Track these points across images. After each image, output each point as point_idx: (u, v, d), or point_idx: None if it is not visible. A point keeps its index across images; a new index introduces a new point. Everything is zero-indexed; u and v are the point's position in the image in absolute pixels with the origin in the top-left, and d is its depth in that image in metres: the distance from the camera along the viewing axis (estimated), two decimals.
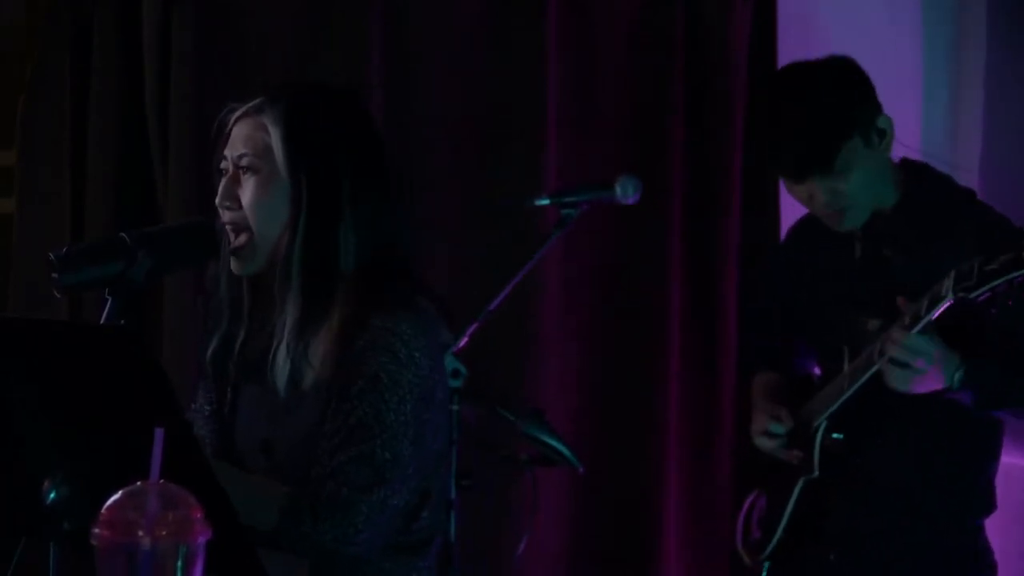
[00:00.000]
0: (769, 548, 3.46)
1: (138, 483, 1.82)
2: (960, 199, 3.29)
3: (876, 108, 3.24)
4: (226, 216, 2.61)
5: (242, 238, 2.60)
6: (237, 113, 2.63)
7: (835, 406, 3.27)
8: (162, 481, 1.82)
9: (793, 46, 4.29)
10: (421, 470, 2.53)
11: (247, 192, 2.59)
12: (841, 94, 3.21)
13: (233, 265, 2.61)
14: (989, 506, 3.32)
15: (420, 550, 2.61)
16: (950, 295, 2.92)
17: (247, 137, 2.60)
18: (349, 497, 2.46)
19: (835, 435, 3.30)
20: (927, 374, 3.06)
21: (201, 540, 1.80)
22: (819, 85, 3.22)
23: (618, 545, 4.28)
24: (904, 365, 3.06)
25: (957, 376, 3.07)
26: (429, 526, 2.61)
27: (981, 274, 2.86)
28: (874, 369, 3.15)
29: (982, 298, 2.87)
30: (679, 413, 4.30)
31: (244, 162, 2.59)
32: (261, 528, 2.44)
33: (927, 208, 3.25)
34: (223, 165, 2.63)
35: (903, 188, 3.27)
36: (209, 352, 2.69)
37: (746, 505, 3.61)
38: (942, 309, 2.96)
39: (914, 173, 3.31)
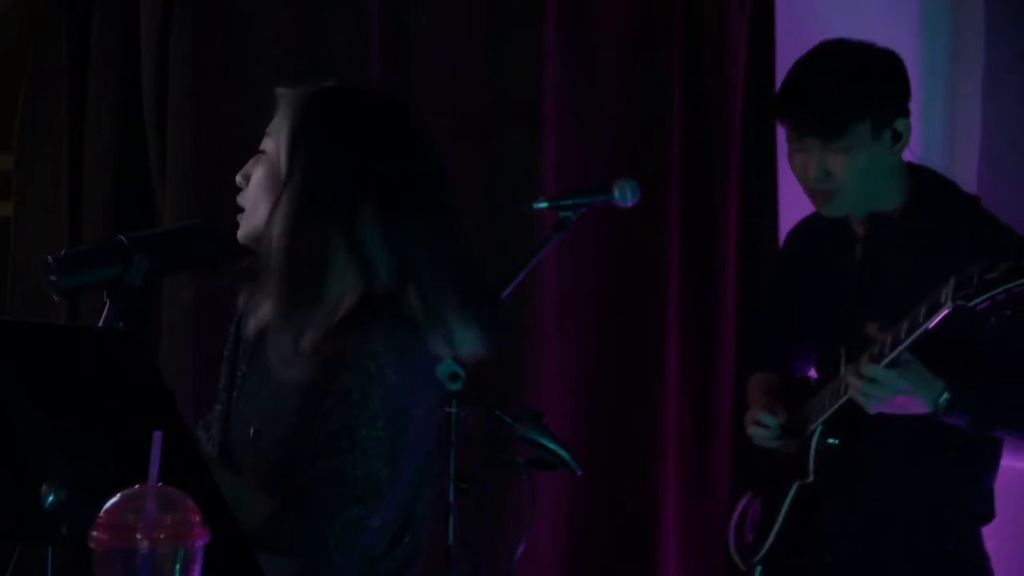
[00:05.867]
0: (762, 552, 3.44)
1: (136, 486, 1.82)
2: (964, 206, 3.27)
3: (899, 109, 3.23)
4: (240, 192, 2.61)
5: (245, 213, 2.60)
6: (284, 95, 2.61)
7: (826, 415, 3.26)
8: (160, 484, 1.82)
9: (792, 47, 4.28)
10: (398, 495, 2.49)
11: (256, 172, 2.59)
12: (871, 76, 3.21)
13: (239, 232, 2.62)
14: (988, 514, 3.30)
15: (400, 575, 2.57)
16: (949, 303, 2.87)
17: (275, 121, 2.60)
18: (321, 516, 2.41)
19: (831, 440, 3.28)
20: (903, 401, 3.05)
21: (199, 543, 1.81)
22: (855, 60, 3.23)
23: (617, 546, 4.28)
24: (867, 396, 3.07)
25: (942, 401, 3.05)
26: (411, 551, 2.57)
27: (981, 282, 2.81)
28: (844, 400, 3.15)
29: (981, 307, 2.83)
30: (678, 413, 4.30)
31: (263, 144, 2.59)
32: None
33: (930, 214, 3.24)
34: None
35: (908, 192, 3.26)
36: (227, 345, 2.72)
37: (739, 508, 3.59)
38: (940, 317, 2.91)
39: (920, 178, 3.29)
